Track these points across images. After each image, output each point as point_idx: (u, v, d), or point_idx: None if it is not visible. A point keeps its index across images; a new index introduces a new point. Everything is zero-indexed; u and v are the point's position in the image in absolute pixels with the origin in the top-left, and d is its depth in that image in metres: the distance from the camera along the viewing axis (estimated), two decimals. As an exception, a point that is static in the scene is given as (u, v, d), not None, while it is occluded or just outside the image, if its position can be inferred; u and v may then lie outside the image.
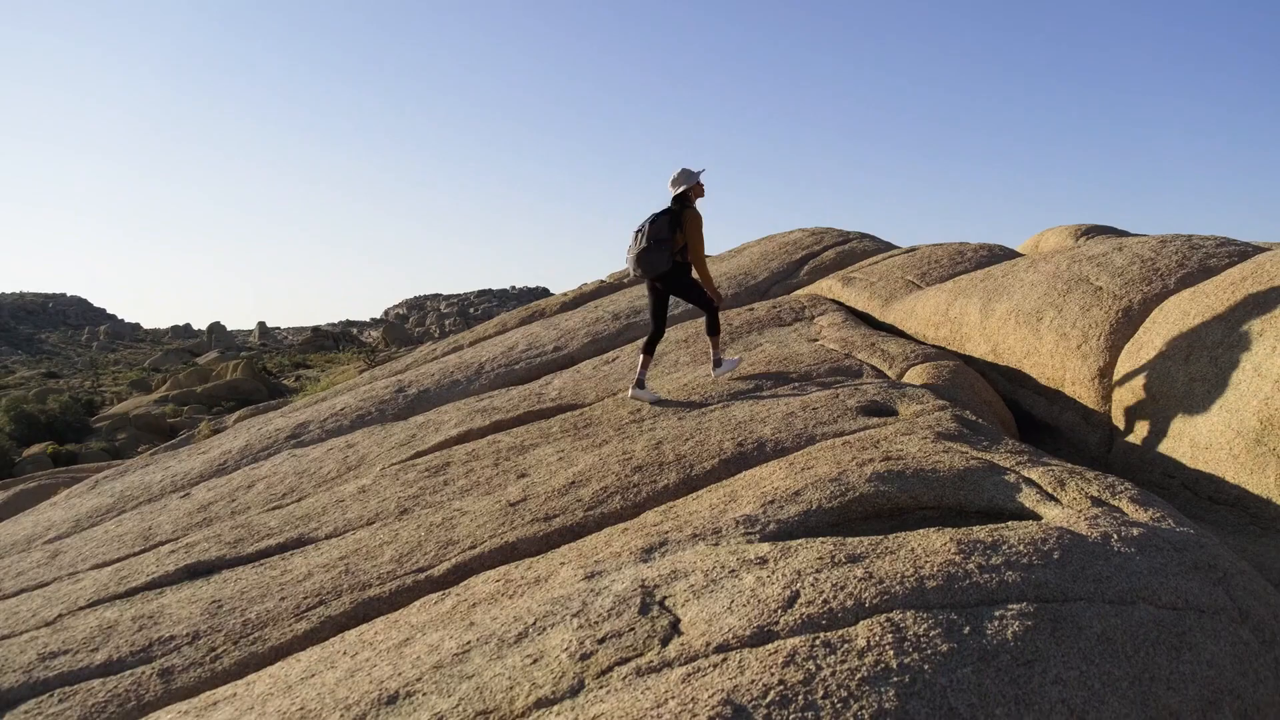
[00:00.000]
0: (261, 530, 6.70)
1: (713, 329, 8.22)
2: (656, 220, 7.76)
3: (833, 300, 11.80)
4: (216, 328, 77.94)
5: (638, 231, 7.84)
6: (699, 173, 7.88)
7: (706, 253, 8.08)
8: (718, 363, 8.32)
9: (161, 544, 7.02)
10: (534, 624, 3.67)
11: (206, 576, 5.99)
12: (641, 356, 8.12)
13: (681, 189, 7.80)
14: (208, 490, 8.63)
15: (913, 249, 13.51)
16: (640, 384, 8.06)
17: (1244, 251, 8.29)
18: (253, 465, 9.51)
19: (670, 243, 7.71)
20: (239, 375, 33.39)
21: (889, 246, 15.33)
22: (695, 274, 8.03)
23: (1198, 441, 6.26)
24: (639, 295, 14.25)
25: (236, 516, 7.42)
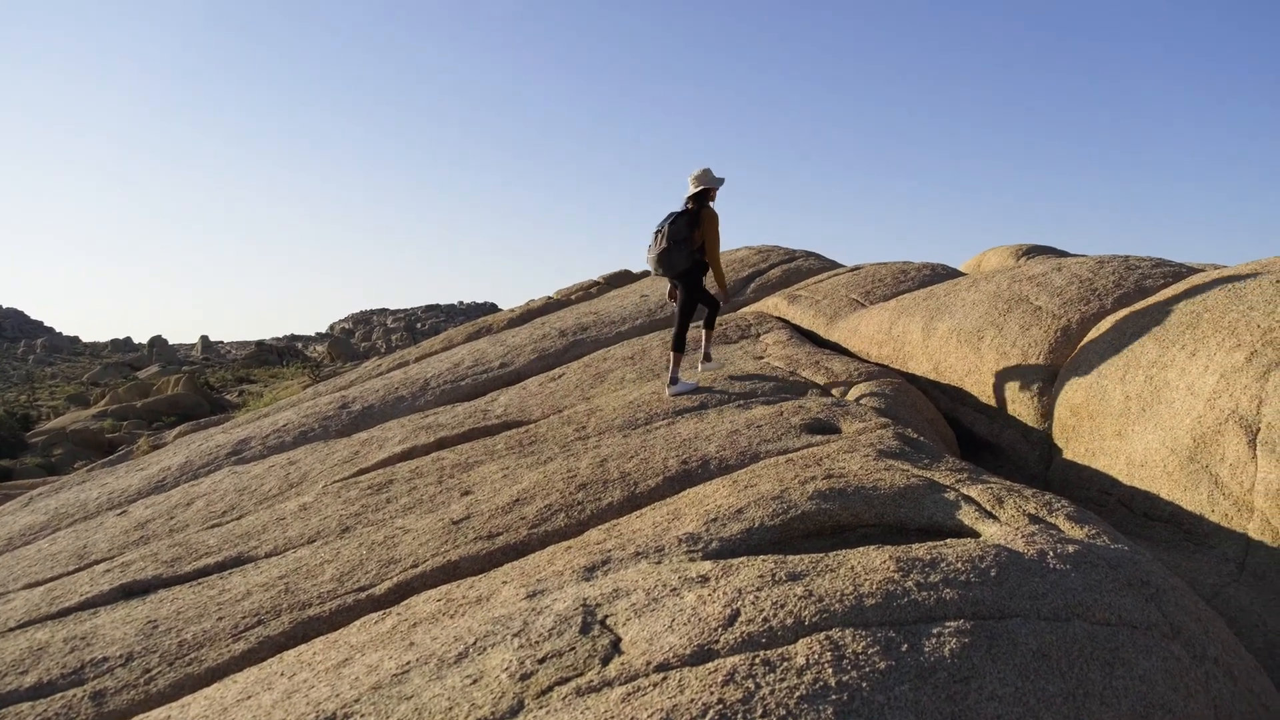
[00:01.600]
0: (200, 549, 6.59)
1: (710, 324, 8.77)
2: (676, 221, 8.08)
3: (778, 318, 11.87)
4: (158, 341, 76.64)
5: (657, 232, 8.15)
6: (720, 179, 8.22)
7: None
8: (706, 357, 8.85)
9: (96, 563, 6.88)
10: (474, 644, 3.64)
11: (142, 596, 5.88)
12: (672, 355, 8.34)
13: (701, 188, 8.14)
14: (145, 508, 8.47)
15: (857, 268, 13.65)
16: (674, 380, 8.34)
17: (1178, 272, 8.48)
18: (192, 482, 9.35)
19: (689, 242, 8.06)
20: (180, 390, 32.86)
21: (834, 265, 15.46)
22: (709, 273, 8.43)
23: (1133, 459, 6.38)
24: (586, 313, 14.25)
25: (175, 535, 7.29)
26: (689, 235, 8.05)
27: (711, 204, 8.26)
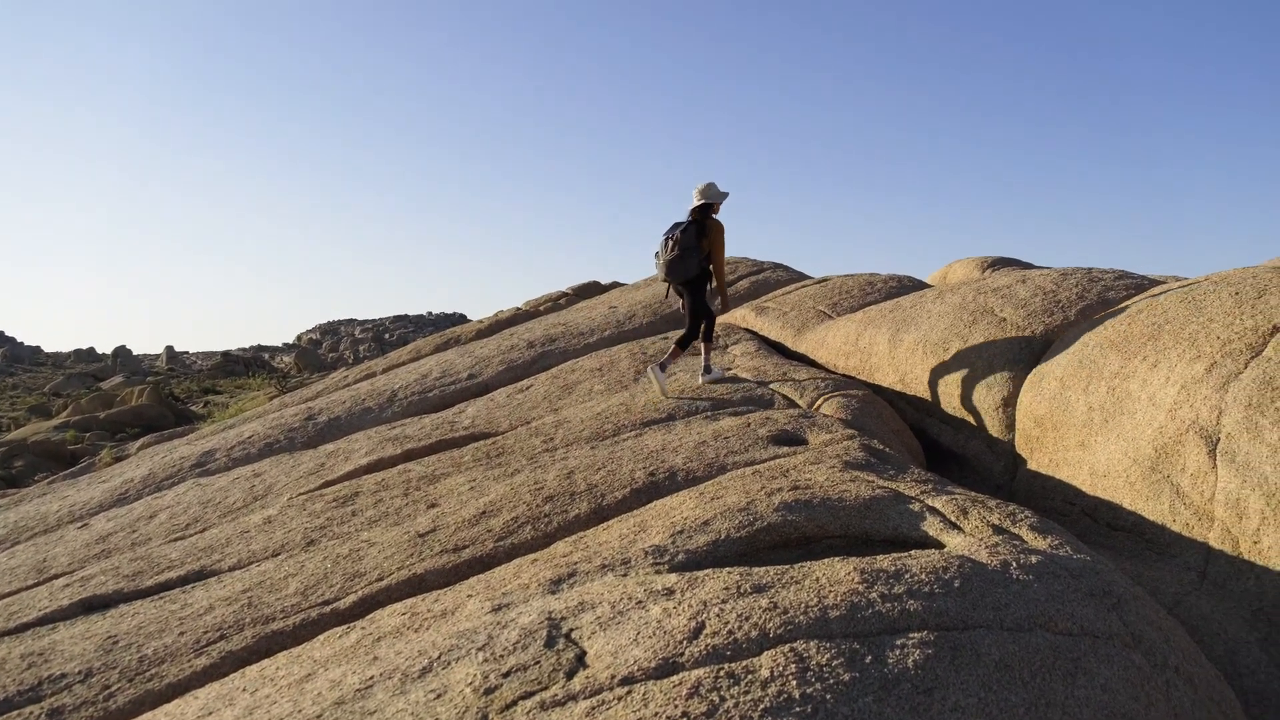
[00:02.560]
0: (162, 562, 6.51)
1: (708, 337, 8.99)
2: (686, 230, 8.49)
3: (746, 329, 11.91)
4: (122, 351, 75.71)
5: (667, 239, 8.56)
6: (725, 194, 8.66)
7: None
8: (708, 369, 9.04)
9: (56, 577, 6.78)
10: (439, 658, 3.61)
11: (103, 611, 5.80)
12: (703, 346, 8.95)
13: (705, 201, 8.55)
14: (107, 521, 8.36)
15: (825, 279, 13.71)
16: (707, 369, 8.98)
17: (1140, 284, 8.58)
18: (155, 495, 9.25)
19: (697, 250, 8.49)
20: (144, 401, 32.47)
21: (802, 276, 15.53)
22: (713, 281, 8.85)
23: (1096, 469, 6.44)
24: (554, 324, 14.24)
25: (137, 548, 7.20)
26: (697, 244, 8.47)
27: (715, 216, 8.67)
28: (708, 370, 9.00)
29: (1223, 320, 6.27)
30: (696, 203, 8.58)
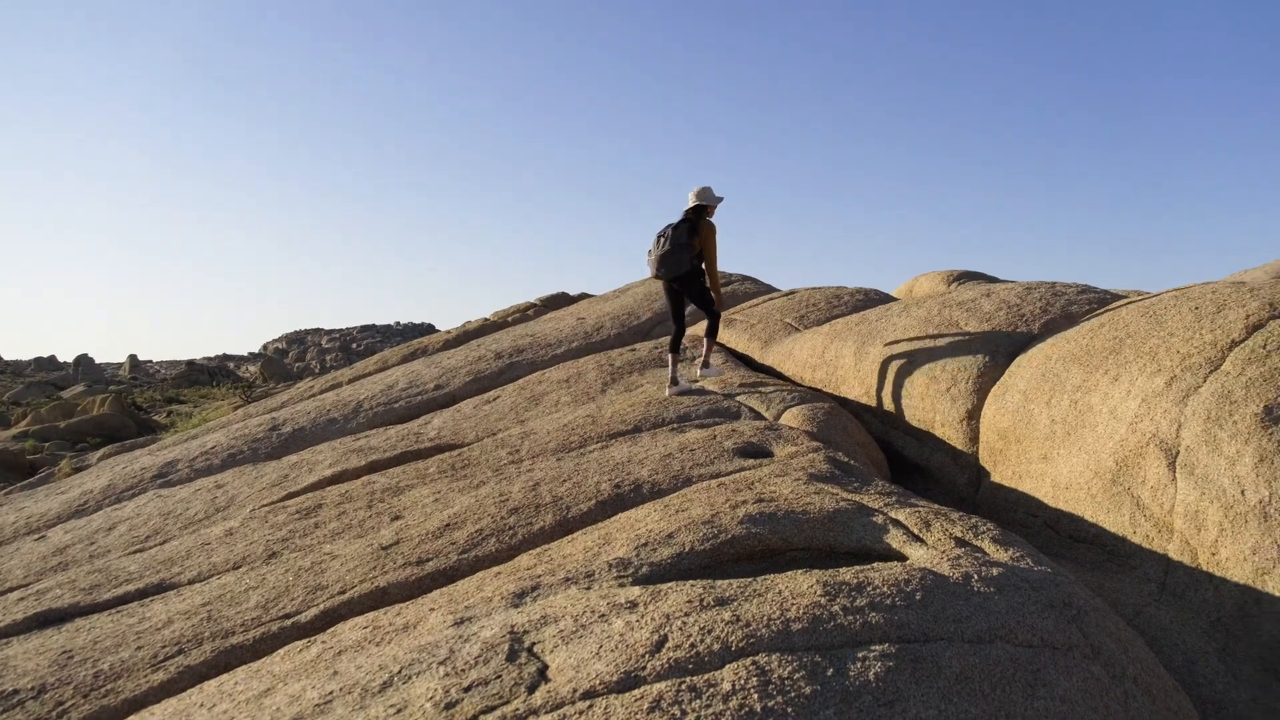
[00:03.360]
0: (120, 575, 6.42)
1: (711, 333, 9.40)
2: (677, 228, 8.84)
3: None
4: (84, 360, 74.81)
5: (660, 236, 8.88)
6: (720, 198, 9.03)
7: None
8: (706, 364, 9.45)
9: (10, 590, 6.67)
10: (399, 672, 3.58)
11: (58, 625, 5.71)
12: (670, 356, 9.20)
13: (699, 204, 8.93)
14: (65, 532, 8.24)
15: (792, 292, 13.77)
16: (674, 381, 9.08)
17: (1103, 299, 8.68)
18: (115, 506, 9.13)
19: (689, 248, 8.80)
20: (106, 410, 32.08)
21: (769, 289, 15.59)
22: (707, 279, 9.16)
23: (1059, 481, 6.49)
24: (522, 335, 14.21)
25: (95, 560, 7.10)
26: (688, 242, 8.79)
27: (710, 219, 9.03)
28: (706, 365, 9.41)
29: (1182, 335, 6.35)
30: (691, 204, 8.91)
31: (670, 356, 9.14)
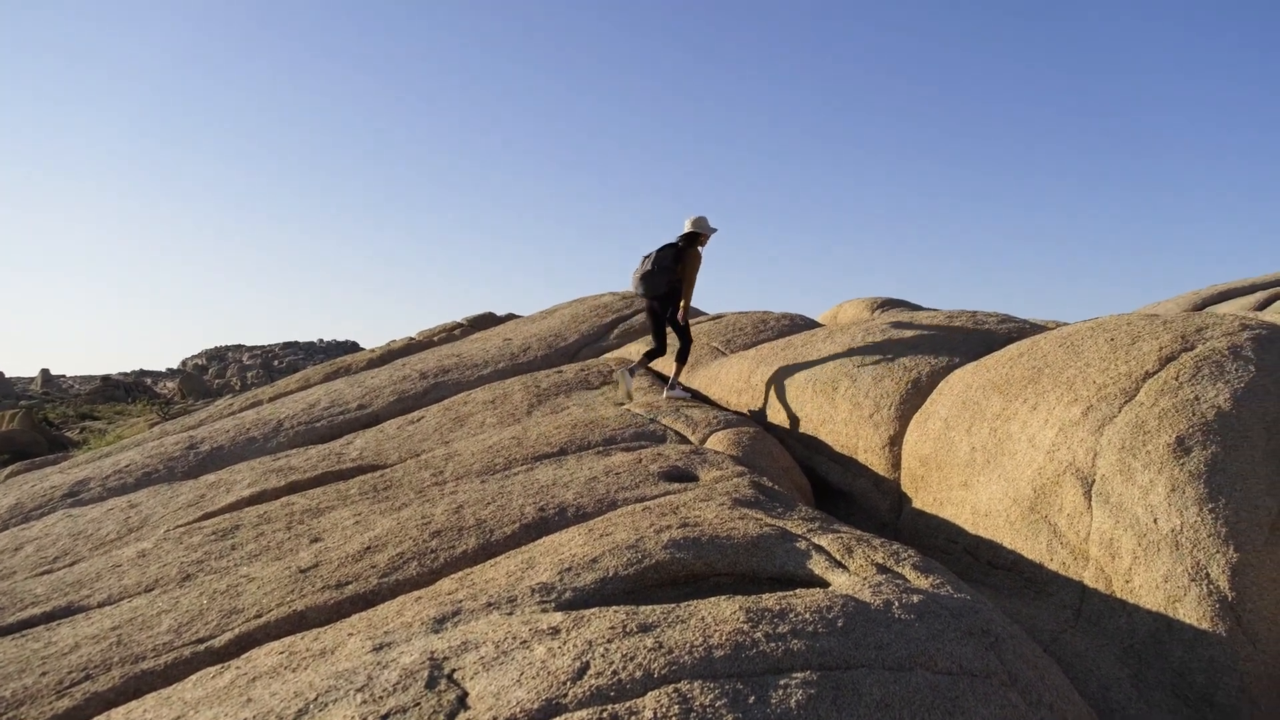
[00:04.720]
0: (26, 598, 6.20)
1: (681, 357, 9.88)
2: (664, 250, 9.39)
3: (641, 364, 11.93)
4: (-7, 375, 72.53)
5: (646, 257, 9.40)
6: (714, 230, 9.51)
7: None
8: (673, 385, 9.85)
9: (-94, 614, 6.40)
10: (315, 699, 3.49)
11: (-45, 650, 5.49)
12: (638, 360, 10.02)
13: (693, 231, 9.41)
14: (-34, 554, 7.94)
15: (719, 316, 13.85)
16: (672, 385, 9.81)
17: (1022, 329, 8.86)
18: (22, 525, 8.82)
19: (671, 271, 9.33)
20: (15, 426, 31.09)
21: (697, 313, 15.67)
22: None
23: (978, 508, 6.58)
24: (448, 355, 14.08)
25: (-2, 583, 6.85)
26: (672, 266, 9.31)
27: (701, 248, 9.47)
28: (673, 387, 9.75)
29: (1099, 365, 6.49)
30: (686, 230, 9.32)
31: (676, 365, 9.83)
